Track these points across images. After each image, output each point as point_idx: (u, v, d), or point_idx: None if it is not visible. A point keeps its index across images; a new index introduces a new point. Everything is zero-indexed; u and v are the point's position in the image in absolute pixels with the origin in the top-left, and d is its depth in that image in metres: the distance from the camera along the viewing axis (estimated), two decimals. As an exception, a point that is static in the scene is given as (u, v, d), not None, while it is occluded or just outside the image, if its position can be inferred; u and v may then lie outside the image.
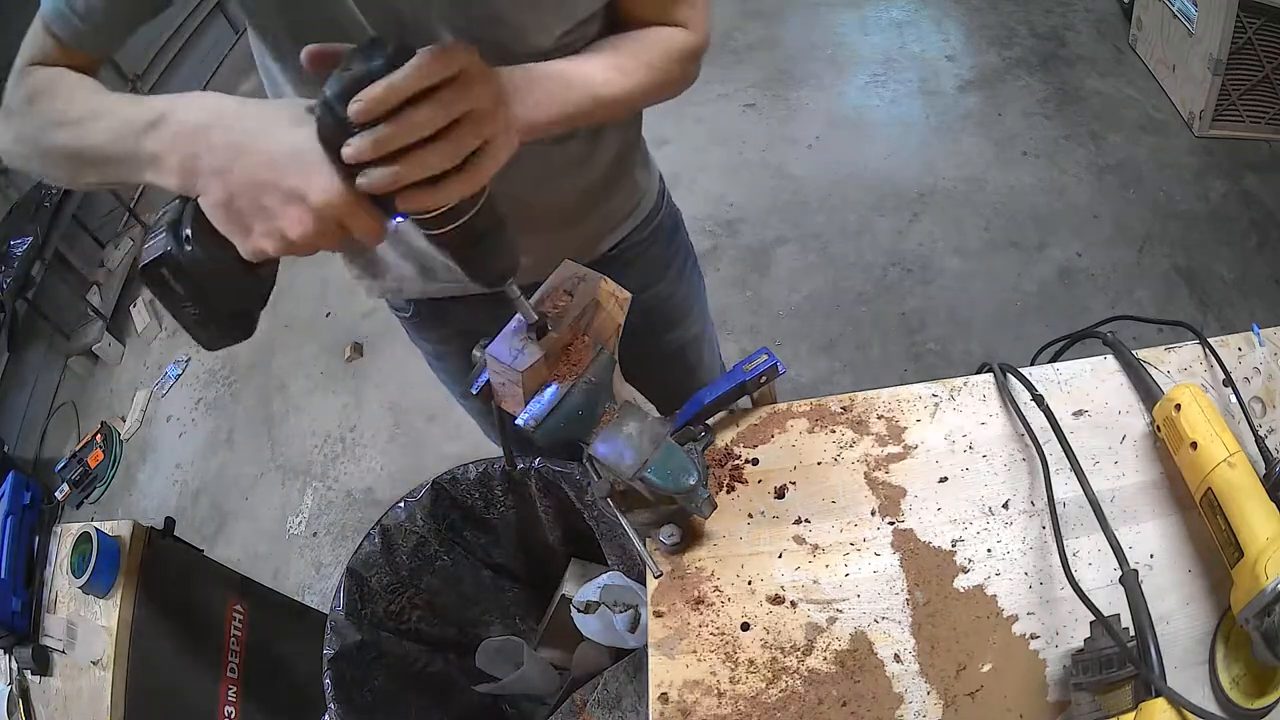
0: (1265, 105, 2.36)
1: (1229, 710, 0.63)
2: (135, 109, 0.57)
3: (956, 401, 0.85)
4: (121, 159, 0.58)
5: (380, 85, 0.46)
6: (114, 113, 0.59)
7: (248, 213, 0.52)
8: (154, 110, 0.55)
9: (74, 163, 0.63)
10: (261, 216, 0.52)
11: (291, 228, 0.51)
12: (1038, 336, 0.96)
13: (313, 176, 0.50)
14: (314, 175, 0.50)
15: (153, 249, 0.54)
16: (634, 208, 0.98)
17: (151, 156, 0.55)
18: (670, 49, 0.75)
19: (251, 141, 0.52)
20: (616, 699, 1.05)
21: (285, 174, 0.50)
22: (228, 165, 0.52)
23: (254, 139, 0.52)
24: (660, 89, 0.75)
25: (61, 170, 0.66)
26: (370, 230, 0.53)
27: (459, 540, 1.30)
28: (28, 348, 2.91)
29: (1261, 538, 0.61)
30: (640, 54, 0.73)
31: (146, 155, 0.56)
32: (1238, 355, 0.81)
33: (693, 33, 0.76)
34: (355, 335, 2.66)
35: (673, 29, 0.75)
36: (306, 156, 0.50)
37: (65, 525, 1.35)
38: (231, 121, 0.53)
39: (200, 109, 0.55)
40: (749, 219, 2.60)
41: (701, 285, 1.18)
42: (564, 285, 0.69)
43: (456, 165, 0.51)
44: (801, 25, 3.26)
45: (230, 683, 1.43)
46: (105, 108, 0.60)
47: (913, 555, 0.76)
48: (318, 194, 0.50)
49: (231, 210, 0.52)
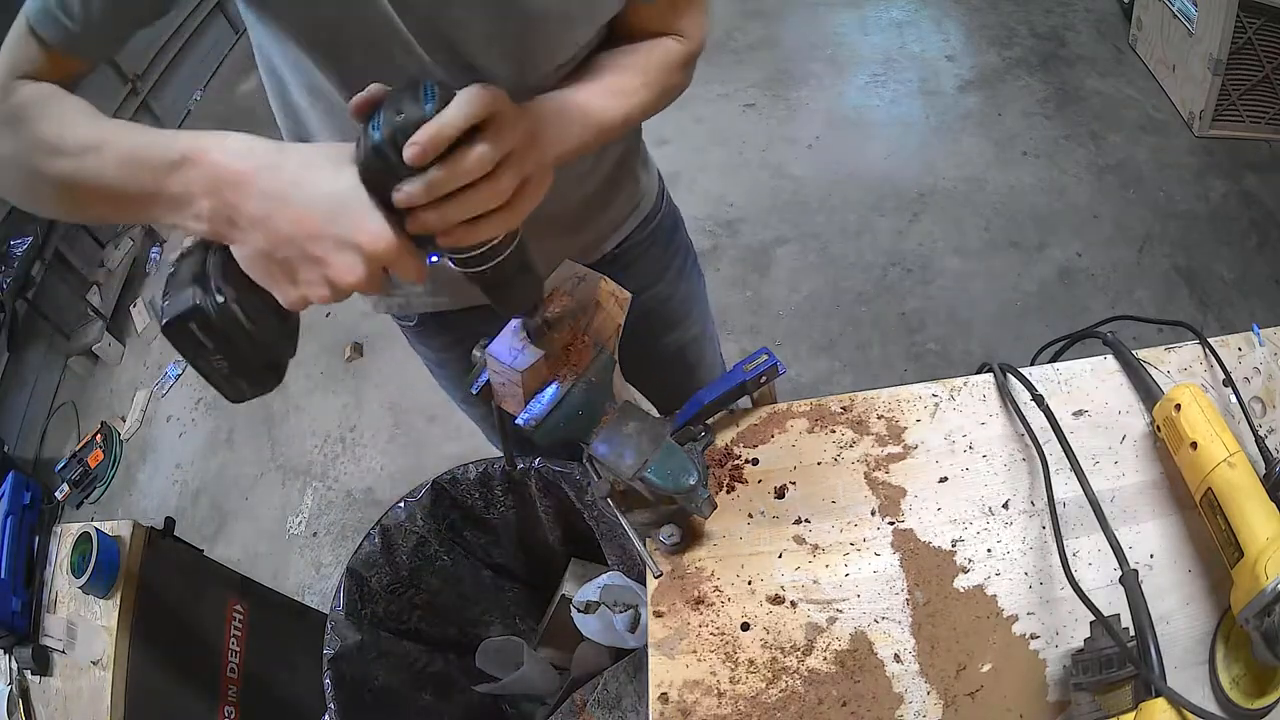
0: (1265, 105, 2.36)
1: (1229, 710, 0.63)
2: (152, 143, 0.54)
3: (956, 401, 0.85)
4: (134, 197, 0.55)
5: (432, 127, 0.46)
6: (122, 145, 0.55)
7: (294, 262, 0.51)
8: (178, 148, 0.52)
9: (71, 195, 0.59)
10: (309, 266, 0.51)
11: (343, 276, 0.50)
12: (1038, 336, 0.96)
13: (362, 223, 0.49)
14: (363, 221, 0.49)
15: (178, 303, 0.50)
16: (634, 208, 0.98)
17: (176, 198, 0.53)
18: (669, 61, 0.75)
19: (292, 189, 0.50)
20: (616, 699, 1.05)
21: (333, 222, 0.49)
22: (269, 214, 0.50)
23: (294, 186, 0.50)
24: (661, 102, 0.76)
25: (52, 201, 0.61)
26: (416, 271, 0.52)
27: (459, 540, 1.30)
28: (28, 348, 2.90)
29: (1261, 538, 0.61)
30: (643, 72, 0.73)
31: (170, 196, 0.53)
32: (1238, 355, 0.82)
33: (690, 41, 0.76)
34: (355, 335, 2.66)
35: (671, 40, 0.75)
36: (352, 203, 0.50)
37: (65, 525, 1.35)
38: (269, 167, 0.51)
39: (233, 153, 0.52)
40: (749, 219, 2.60)
41: (702, 285, 1.18)
42: (564, 285, 0.69)
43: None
44: (801, 25, 3.26)
45: (230, 683, 1.43)
46: (112, 138, 0.56)
47: (913, 555, 0.76)
48: (370, 241, 0.49)
49: (274, 260, 0.51)
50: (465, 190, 0.49)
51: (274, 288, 0.52)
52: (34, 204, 0.63)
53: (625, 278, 0.99)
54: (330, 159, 0.51)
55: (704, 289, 1.19)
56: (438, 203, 0.49)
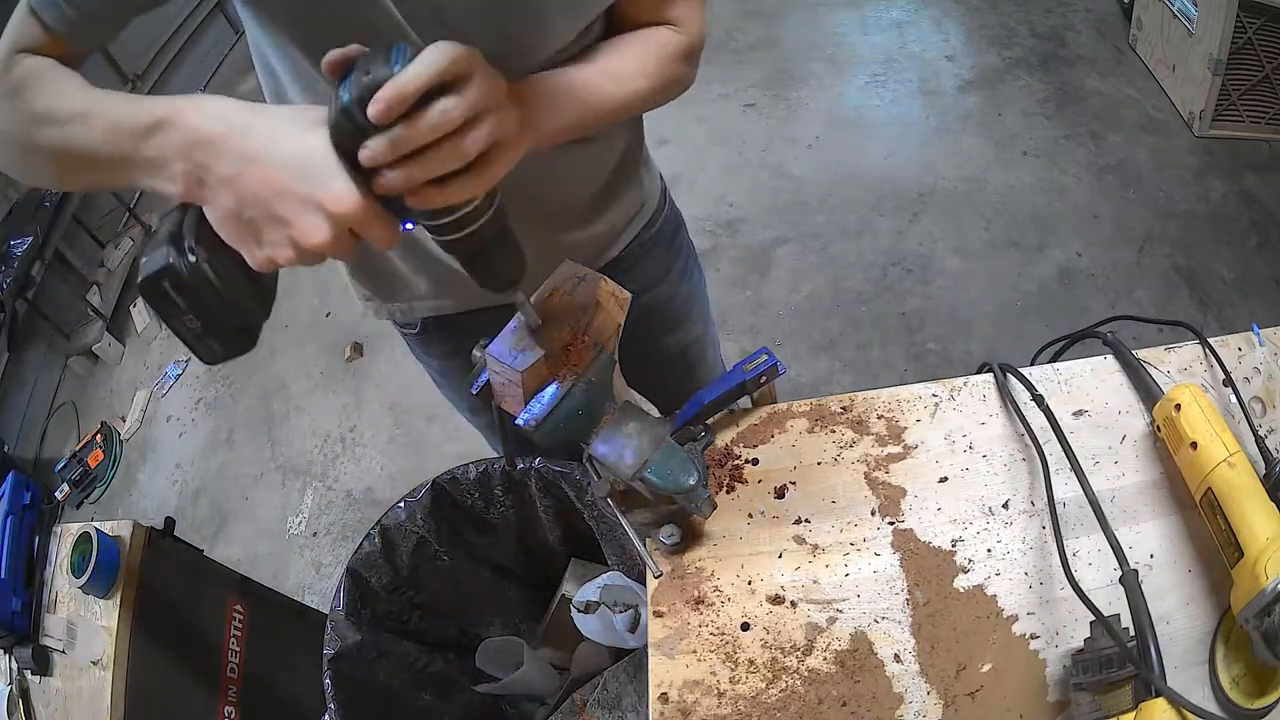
0: (1265, 105, 2.36)
1: (1229, 710, 0.63)
2: (132, 110, 0.55)
3: (956, 401, 0.85)
4: (117, 162, 0.56)
5: (395, 83, 0.46)
6: (107, 113, 0.56)
7: (260, 222, 0.51)
8: (155, 113, 0.54)
9: (62, 163, 0.61)
10: (274, 226, 0.51)
11: (307, 236, 0.50)
12: (1038, 336, 0.96)
13: (328, 183, 0.49)
14: (329, 181, 0.49)
15: (153, 262, 0.51)
16: (640, 208, 0.99)
17: (152, 161, 0.54)
18: (667, 51, 0.75)
19: (262, 149, 0.51)
20: (616, 699, 1.05)
21: (299, 182, 0.50)
22: (238, 174, 0.51)
23: (264, 147, 0.51)
24: (661, 92, 0.76)
25: (46, 170, 0.63)
26: (384, 236, 0.52)
27: (459, 540, 1.30)
28: (28, 348, 2.90)
29: (1261, 538, 0.61)
30: (639, 59, 0.73)
31: (146, 160, 0.54)
32: (1238, 355, 0.82)
33: (688, 32, 0.76)
34: (355, 335, 2.66)
35: (669, 31, 0.75)
36: (319, 163, 0.50)
37: (65, 525, 1.35)
38: (241, 129, 0.52)
39: (207, 115, 0.53)
40: (749, 219, 2.60)
41: (703, 285, 1.18)
42: (564, 285, 0.69)
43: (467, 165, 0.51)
44: (801, 25, 3.26)
45: (230, 683, 1.43)
46: (98, 107, 0.57)
47: (913, 555, 0.76)
48: (334, 200, 0.49)
49: (242, 220, 0.52)
50: (430, 148, 0.48)
51: (242, 247, 0.53)
52: (29, 174, 0.65)
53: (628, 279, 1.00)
54: (302, 121, 0.52)
55: (705, 290, 1.19)
56: (402, 160, 0.48)
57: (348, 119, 0.48)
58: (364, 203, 0.50)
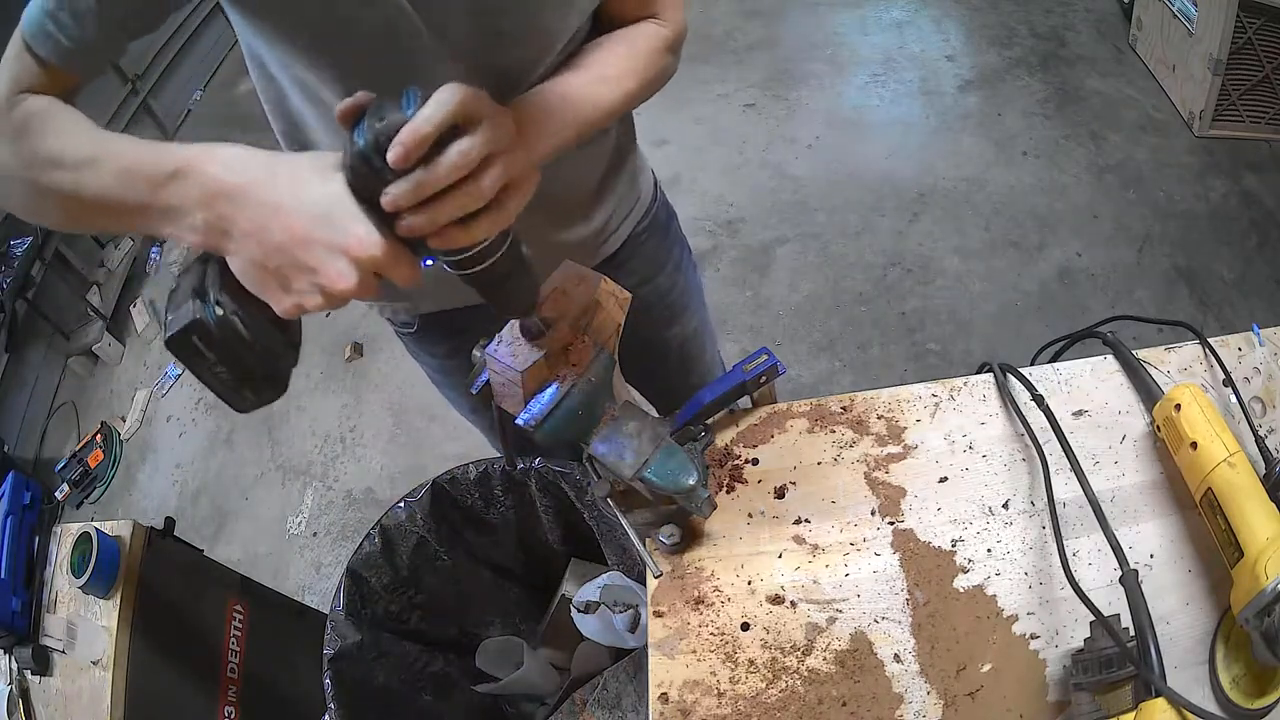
0: (1265, 105, 2.36)
1: (1229, 710, 0.63)
2: (146, 156, 0.55)
3: (956, 401, 0.85)
4: (132, 208, 0.56)
5: (411, 128, 0.47)
6: (120, 159, 0.56)
7: (286, 271, 0.52)
8: (171, 161, 0.54)
9: (72, 207, 0.60)
10: (301, 274, 0.51)
11: (334, 282, 0.51)
12: (1038, 336, 0.96)
13: (351, 228, 0.50)
14: (352, 227, 0.50)
15: (180, 318, 0.51)
16: (636, 198, 0.99)
17: (172, 209, 0.54)
18: (654, 45, 0.76)
19: (285, 200, 0.51)
20: (616, 699, 1.05)
21: (323, 229, 0.50)
22: (262, 225, 0.51)
23: (287, 198, 0.51)
24: (650, 87, 0.77)
25: (55, 213, 0.63)
26: (407, 275, 0.53)
27: (459, 540, 1.30)
28: (28, 348, 2.90)
29: (1261, 538, 0.61)
30: (628, 58, 0.74)
31: (165, 208, 0.54)
32: (1238, 355, 0.81)
33: (671, 23, 0.77)
34: (355, 335, 2.66)
35: (652, 25, 0.76)
36: (341, 209, 0.50)
37: (65, 525, 1.35)
38: (263, 180, 0.52)
39: (226, 165, 0.53)
40: (749, 219, 2.60)
41: (698, 277, 1.18)
42: (564, 285, 0.69)
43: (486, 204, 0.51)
44: (801, 25, 3.26)
45: (230, 683, 1.43)
46: (109, 152, 0.57)
47: (913, 555, 0.76)
48: (359, 246, 0.50)
49: (267, 269, 0.52)
50: (451, 190, 0.49)
51: (268, 296, 0.53)
52: (37, 216, 0.65)
53: (626, 272, 1.00)
54: (319, 168, 0.52)
55: (699, 281, 1.19)
56: (425, 204, 0.49)
57: (365, 164, 0.48)
58: (387, 246, 0.50)
